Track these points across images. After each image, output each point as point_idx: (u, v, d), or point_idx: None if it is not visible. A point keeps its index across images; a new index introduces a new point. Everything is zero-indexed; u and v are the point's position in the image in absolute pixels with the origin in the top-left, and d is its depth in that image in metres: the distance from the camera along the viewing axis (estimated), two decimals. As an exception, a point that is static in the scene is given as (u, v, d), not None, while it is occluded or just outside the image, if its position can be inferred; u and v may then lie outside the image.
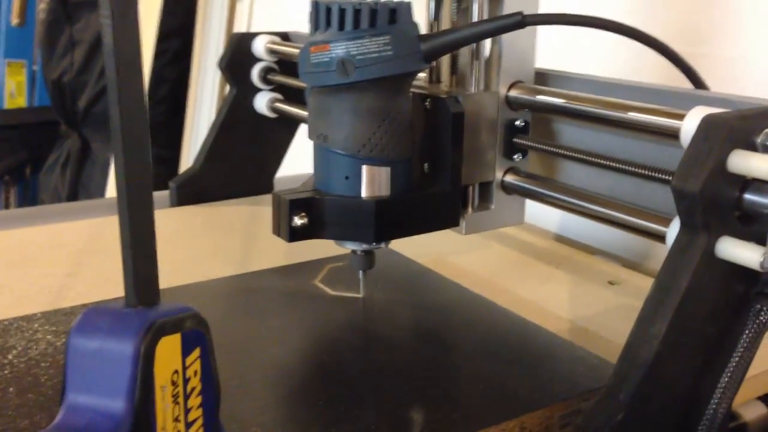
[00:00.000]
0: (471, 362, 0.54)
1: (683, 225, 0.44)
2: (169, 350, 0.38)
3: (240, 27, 1.85)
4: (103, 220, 0.86)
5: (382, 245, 0.57)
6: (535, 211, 0.67)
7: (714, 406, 0.45)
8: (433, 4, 0.60)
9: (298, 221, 0.53)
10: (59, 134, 2.41)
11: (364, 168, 0.53)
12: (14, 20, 2.46)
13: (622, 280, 0.72)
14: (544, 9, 0.58)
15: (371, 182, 0.54)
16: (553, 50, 0.67)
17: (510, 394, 0.50)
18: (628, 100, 0.54)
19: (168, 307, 0.39)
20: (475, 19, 0.57)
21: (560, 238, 0.84)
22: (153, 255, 0.39)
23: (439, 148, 0.57)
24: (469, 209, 0.61)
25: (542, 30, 0.60)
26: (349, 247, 0.57)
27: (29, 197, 2.67)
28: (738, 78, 0.65)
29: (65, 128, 2.36)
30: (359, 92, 0.52)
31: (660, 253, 0.77)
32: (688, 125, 0.48)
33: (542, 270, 0.75)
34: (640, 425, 0.44)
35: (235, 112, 0.93)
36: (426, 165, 0.58)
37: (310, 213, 0.53)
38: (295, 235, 0.54)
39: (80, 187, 2.33)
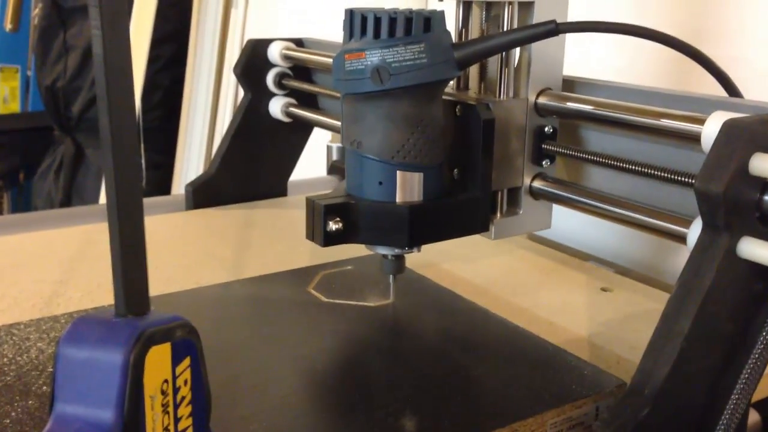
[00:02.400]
0: (463, 370, 0.54)
1: (706, 225, 0.45)
2: (158, 360, 0.37)
3: (234, 33, 1.86)
4: (96, 227, 0.86)
5: (414, 250, 0.58)
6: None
7: (734, 402, 0.46)
8: (461, 12, 0.61)
9: (332, 226, 0.54)
10: (53, 140, 2.41)
11: (398, 174, 0.54)
12: (8, 26, 2.45)
13: (614, 287, 0.72)
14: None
15: (404, 188, 0.54)
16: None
17: (502, 401, 0.50)
18: (652, 106, 0.56)
19: (158, 317, 0.39)
20: (505, 27, 0.58)
21: (553, 245, 0.85)
22: (143, 264, 0.39)
23: (469, 154, 0.57)
24: (498, 214, 0.62)
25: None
26: (380, 251, 0.58)
27: (23, 203, 2.66)
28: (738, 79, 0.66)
29: (59, 134, 2.35)
30: (394, 99, 0.53)
31: (653, 259, 0.79)
32: (709, 129, 0.49)
33: (535, 277, 0.75)
34: (664, 421, 0.44)
35: (250, 116, 0.94)
36: (456, 171, 0.59)
37: (345, 218, 0.54)
38: (330, 239, 0.54)
39: (74, 193, 2.32)
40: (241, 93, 1.87)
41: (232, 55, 1.87)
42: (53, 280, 0.72)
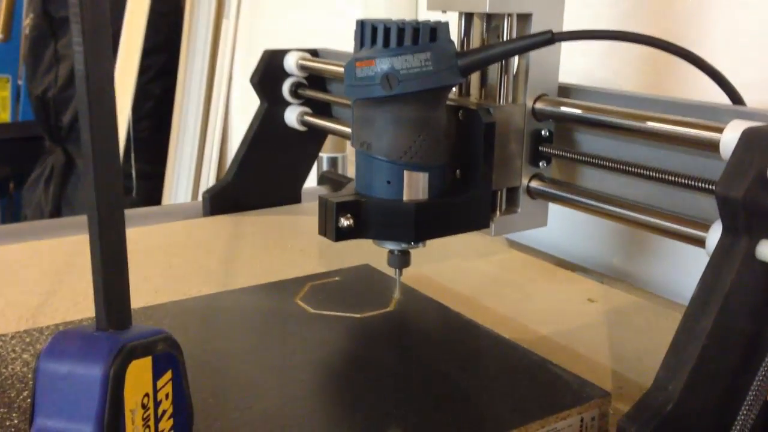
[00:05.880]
0: (447, 381, 0.54)
1: (726, 229, 0.47)
2: (139, 373, 0.37)
3: (225, 43, 1.88)
4: (85, 237, 0.83)
5: (420, 245, 0.61)
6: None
7: (750, 399, 0.46)
8: (464, 23, 0.65)
9: (344, 222, 0.57)
10: (43, 149, 2.41)
11: (405, 173, 0.57)
12: (-1, 35, 2.47)
13: (601, 298, 0.73)
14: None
15: (411, 186, 0.57)
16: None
17: (486, 412, 0.50)
18: (639, 110, 0.59)
19: (139, 330, 0.39)
20: (505, 37, 0.62)
21: (541, 254, 0.86)
22: (124, 278, 0.39)
23: (471, 155, 0.61)
24: (498, 212, 0.66)
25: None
26: (387, 247, 0.61)
27: (12, 213, 2.66)
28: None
29: (49, 143, 2.36)
30: (401, 104, 0.56)
31: (639, 269, 0.81)
32: (728, 137, 0.51)
33: (521, 286, 0.75)
34: (686, 417, 0.46)
35: (266, 125, 0.96)
36: (458, 171, 0.62)
37: (355, 215, 0.57)
38: (341, 235, 0.57)
39: (64, 203, 2.33)
40: (232, 103, 1.91)
41: (223, 65, 1.89)
42: (40, 291, 0.71)
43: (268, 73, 0.95)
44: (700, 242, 0.55)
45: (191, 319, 0.63)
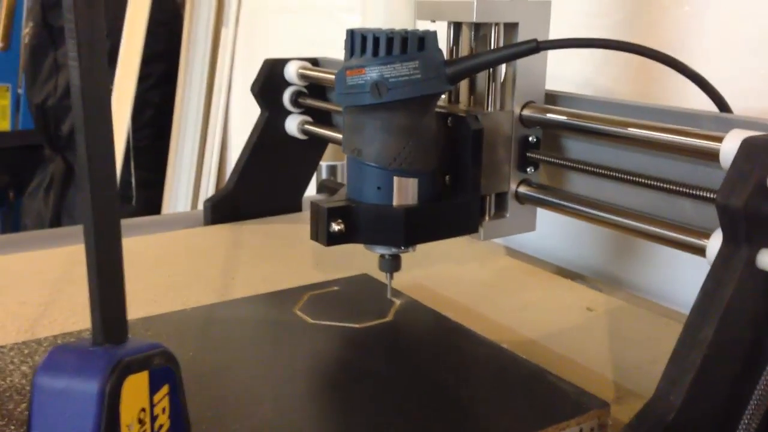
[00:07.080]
0: (446, 391, 0.53)
1: (726, 238, 0.47)
2: (136, 388, 0.37)
3: (224, 52, 1.89)
4: (83, 247, 0.85)
5: (410, 250, 0.62)
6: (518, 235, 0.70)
7: (752, 408, 0.47)
8: (452, 32, 0.66)
9: (335, 227, 0.58)
10: (43, 158, 2.42)
11: (395, 179, 0.58)
12: (-1, 44, 2.48)
13: (599, 307, 0.73)
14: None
15: (400, 192, 0.59)
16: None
17: (484, 423, 0.50)
18: (623, 117, 0.61)
19: (136, 344, 0.39)
20: (492, 45, 0.63)
21: (540, 262, 0.86)
22: (120, 292, 0.39)
23: (460, 161, 0.62)
24: (487, 217, 0.67)
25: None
26: (378, 251, 0.62)
27: (12, 221, 2.67)
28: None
29: (49, 152, 2.37)
30: (391, 111, 0.57)
31: (638, 278, 0.82)
32: (728, 146, 0.51)
33: (520, 295, 0.75)
34: (688, 427, 0.46)
35: (267, 134, 0.96)
36: (447, 177, 0.63)
37: (346, 220, 0.58)
38: (333, 239, 0.58)
39: (64, 211, 2.34)
40: (231, 111, 1.92)
41: (223, 73, 1.90)
42: (39, 302, 0.71)
43: (269, 82, 0.95)
44: (698, 250, 0.55)
45: (190, 329, 0.63)
